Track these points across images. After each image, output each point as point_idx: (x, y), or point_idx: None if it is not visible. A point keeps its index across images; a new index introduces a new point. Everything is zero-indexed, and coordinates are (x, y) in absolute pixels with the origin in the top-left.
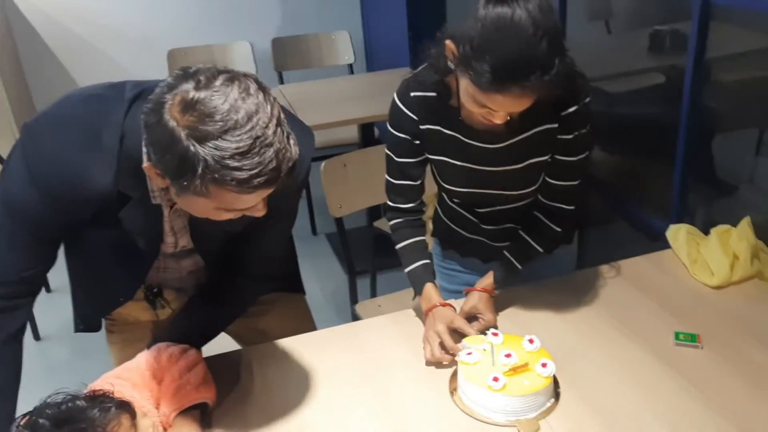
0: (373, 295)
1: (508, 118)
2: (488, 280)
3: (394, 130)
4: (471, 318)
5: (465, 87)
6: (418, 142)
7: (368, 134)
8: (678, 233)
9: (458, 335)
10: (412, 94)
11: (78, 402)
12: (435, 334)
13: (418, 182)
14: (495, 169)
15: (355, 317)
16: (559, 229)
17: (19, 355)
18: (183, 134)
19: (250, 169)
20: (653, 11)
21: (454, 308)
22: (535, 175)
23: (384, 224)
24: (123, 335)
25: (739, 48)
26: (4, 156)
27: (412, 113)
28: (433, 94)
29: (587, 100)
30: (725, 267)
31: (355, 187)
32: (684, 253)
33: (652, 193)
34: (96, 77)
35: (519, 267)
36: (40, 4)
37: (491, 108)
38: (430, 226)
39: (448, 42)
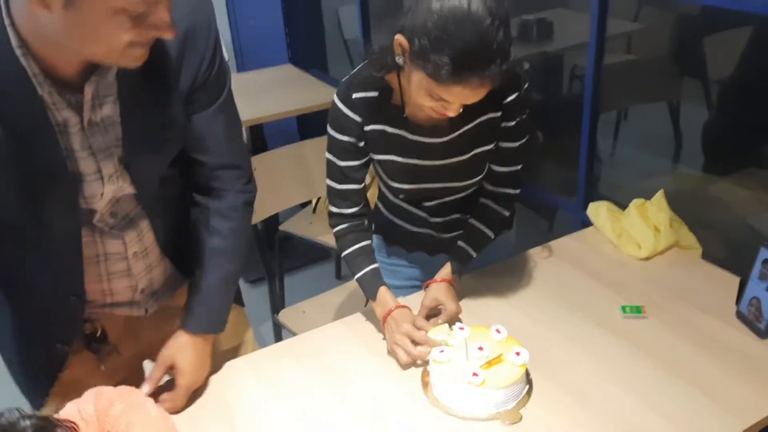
0: (282, 298)
1: (461, 110)
2: (446, 270)
3: (337, 132)
4: (433, 311)
5: (418, 81)
6: (362, 143)
7: (258, 136)
8: (599, 210)
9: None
10: (354, 95)
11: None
12: (403, 336)
13: (362, 185)
14: (442, 163)
15: (278, 326)
16: (507, 213)
17: None
18: None
19: None
20: (518, 2)
21: (410, 309)
22: (481, 165)
23: (290, 226)
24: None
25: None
26: None
27: (356, 115)
28: (375, 93)
29: (526, 85)
30: (650, 238)
31: (261, 191)
32: (608, 228)
33: (555, 176)
34: None
35: (474, 255)
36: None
37: (448, 100)
38: None
39: (397, 36)
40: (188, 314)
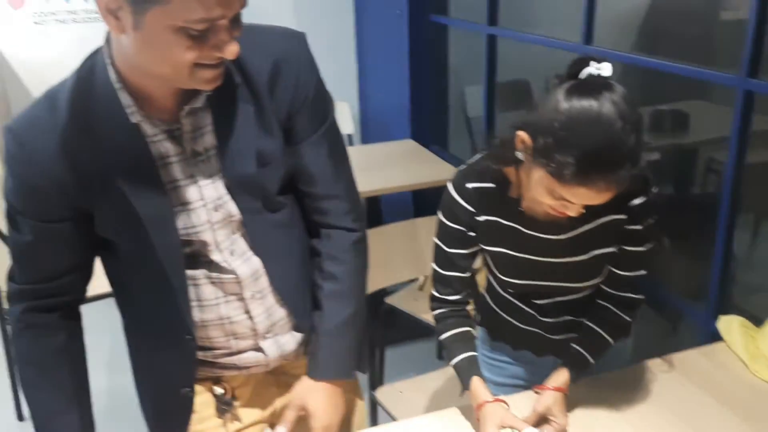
0: (380, 372)
1: (583, 211)
2: (562, 377)
3: (448, 220)
4: (542, 419)
5: (539, 178)
6: (473, 234)
7: (375, 209)
8: (731, 326)
9: None
10: (468, 185)
11: None
12: None
13: (467, 274)
14: (557, 261)
15: (374, 403)
16: (629, 319)
17: (75, 366)
18: None
19: None
20: (653, 92)
21: (506, 404)
22: (600, 267)
23: (396, 300)
24: None
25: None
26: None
27: (469, 205)
28: (492, 185)
29: (655, 190)
30: None
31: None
32: (740, 347)
33: (682, 277)
34: None
35: (592, 362)
36: (32, 64)
37: (569, 201)
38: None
39: (520, 132)
40: (311, 361)
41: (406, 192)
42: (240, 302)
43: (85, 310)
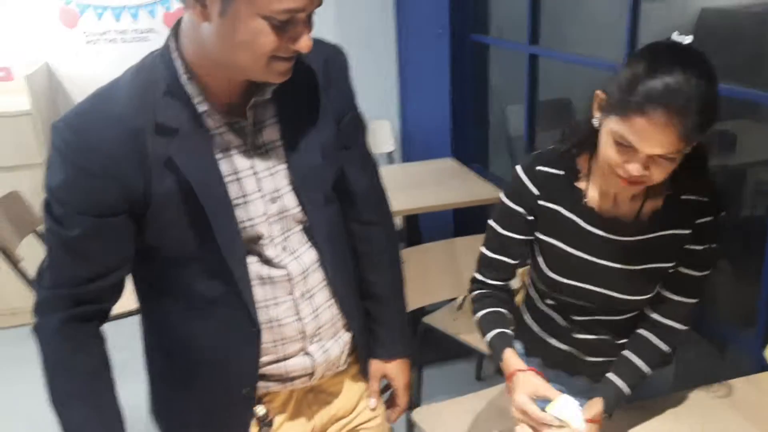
0: (418, 393)
1: (646, 172)
2: (597, 408)
3: (510, 201)
4: None
5: (607, 132)
6: (531, 218)
7: (413, 227)
8: None
9: None
10: (537, 167)
11: None
12: (517, 408)
13: (516, 261)
14: (609, 265)
15: (411, 424)
16: (668, 350)
17: (112, 383)
18: None
19: None
20: None
21: (539, 373)
22: (651, 283)
23: (434, 319)
24: None
25: None
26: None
27: (535, 187)
28: (561, 171)
29: (723, 214)
30: None
31: (409, 283)
32: None
33: (730, 302)
34: None
35: (628, 393)
36: (82, 81)
37: (631, 143)
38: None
39: (597, 92)
40: (381, 344)
41: (446, 211)
42: (290, 303)
43: None
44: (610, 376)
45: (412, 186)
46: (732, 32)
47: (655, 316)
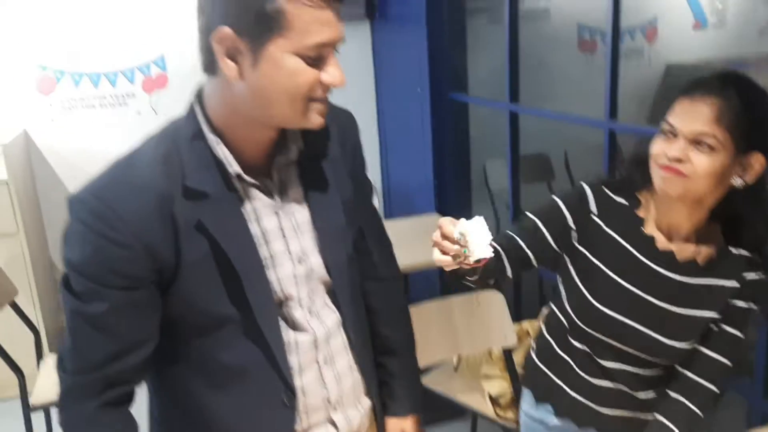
0: None
1: (683, 158)
2: None
3: (562, 202)
4: None
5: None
6: (573, 229)
7: (404, 286)
8: None
9: None
10: (603, 188)
11: None
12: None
13: (524, 247)
14: (655, 302)
15: None
16: (699, 413)
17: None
18: None
19: None
20: None
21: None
22: (692, 333)
23: (429, 380)
24: None
25: None
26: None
27: (594, 203)
28: (624, 201)
29: (764, 277)
30: None
31: None
32: None
33: None
34: None
35: None
36: (58, 147)
37: (672, 124)
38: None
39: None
40: (396, 400)
41: (432, 269)
42: (315, 369)
43: None
44: None
45: (398, 244)
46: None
47: (689, 374)
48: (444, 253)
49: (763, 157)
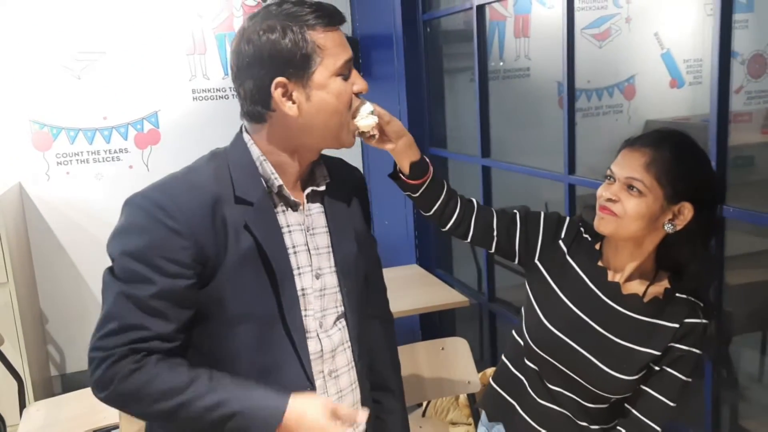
0: None
1: (616, 200)
2: None
3: (543, 214)
4: None
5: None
6: (539, 245)
7: None
8: None
9: None
10: (579, 223)
11: None
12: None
13: (492, 223)
14: (598, 330)
15: None
16: None
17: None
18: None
19: (314, 7)
20: None
21: None
22: (634, 368)
23: None
24: None
25: (738, 251)
26: None
27: (564, 230)
28: (588, 237)
29: (707, 322)
30: None
31: None
32: None
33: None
34: (99, 269)
35: None
36: (52, 200)
37: (612, 169)
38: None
39: None
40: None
41: (413, 316)
42: (321, 380)
43: None
44: None
45: None
46: None
47: (634, 411)
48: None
49: (692, 206)
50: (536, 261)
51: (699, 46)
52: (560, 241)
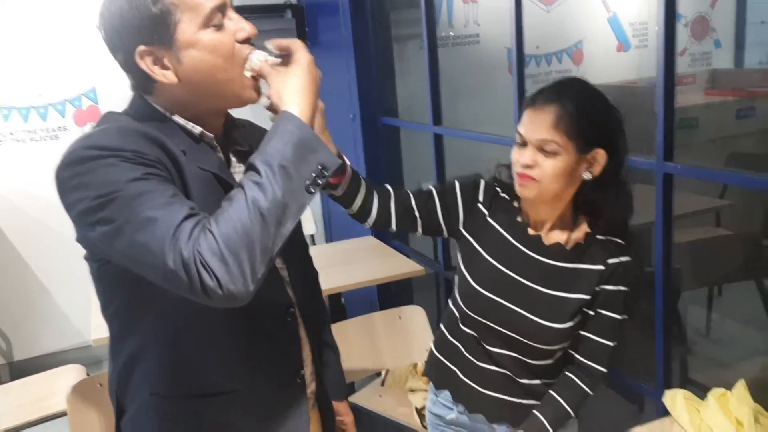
0: None
1: (532, 164)
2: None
3: (457, 182)
4: None
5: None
6: (461, 212)
7: (337, 306)
8: (675, 400)
9: None
10: (494, 184)
11: None
12: None
13: (412, 206)
14: (526, 283)
15: None
16: (588, 390)
17: None
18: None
19: None
20: None
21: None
22: (563, 314)
23: (360, 398)
24: None
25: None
26: None
27: (482, 193)
28: (506, 196)
29: (630, 259)
30: None
31: None
32: (686, 420)
33: (628, 355)
34: (43, 252)
35: (551, 431)
36: None
37: (521, 133)
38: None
39: None
40: (329, 386)
41: (371, 287)
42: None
43: None
44: (535, 412)
45: (336, 264)
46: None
47: (578, 356)
48: None
49: (604, 152)
50: (461, 228)
51: (644, 9)
52: (479, 204)
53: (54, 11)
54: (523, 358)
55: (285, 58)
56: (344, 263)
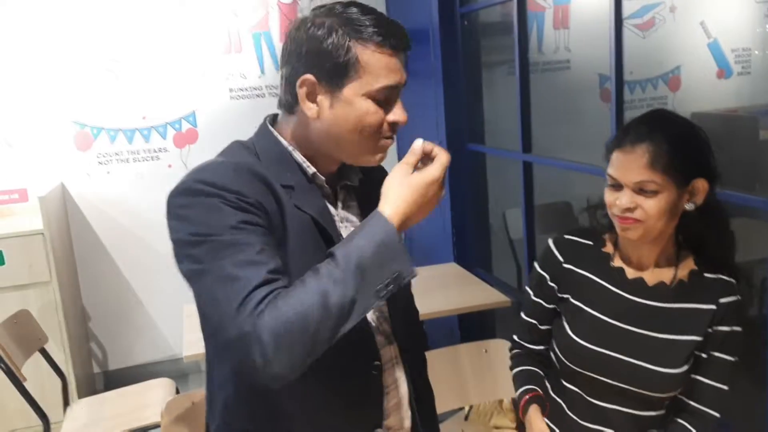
0: None
1: (633, 207)
2: None
3: (538, 266)
4: None
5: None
6: (554, 285)
7: None
8: None
9: None
10: (566, 236)
11: None
12: None
13: (547, 327)
14: (632, 329)
15: None
16: None
17: None
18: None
19: (378, 22)
20: None
21: None
22: (676, 357)
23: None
24: None
25: None
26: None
27: (558, 252)
28: (589, 242)
29: (740, 298)
30: None
31: None
32: None
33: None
34: (140, 267)
35: None
36: (93, 199)
37: (614, 176)
38: None
39: None
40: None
41: (451, 316)
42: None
43: None
44: None
45: (418, 292)
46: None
47: (692, 402)
48: None
49: (705, 181)
50: (560, 296)
51: (747, 34)
52: (563, 265)
53: (157, 38)
54: (632, 411)
55: (424, 159)
56: (426, 291)
